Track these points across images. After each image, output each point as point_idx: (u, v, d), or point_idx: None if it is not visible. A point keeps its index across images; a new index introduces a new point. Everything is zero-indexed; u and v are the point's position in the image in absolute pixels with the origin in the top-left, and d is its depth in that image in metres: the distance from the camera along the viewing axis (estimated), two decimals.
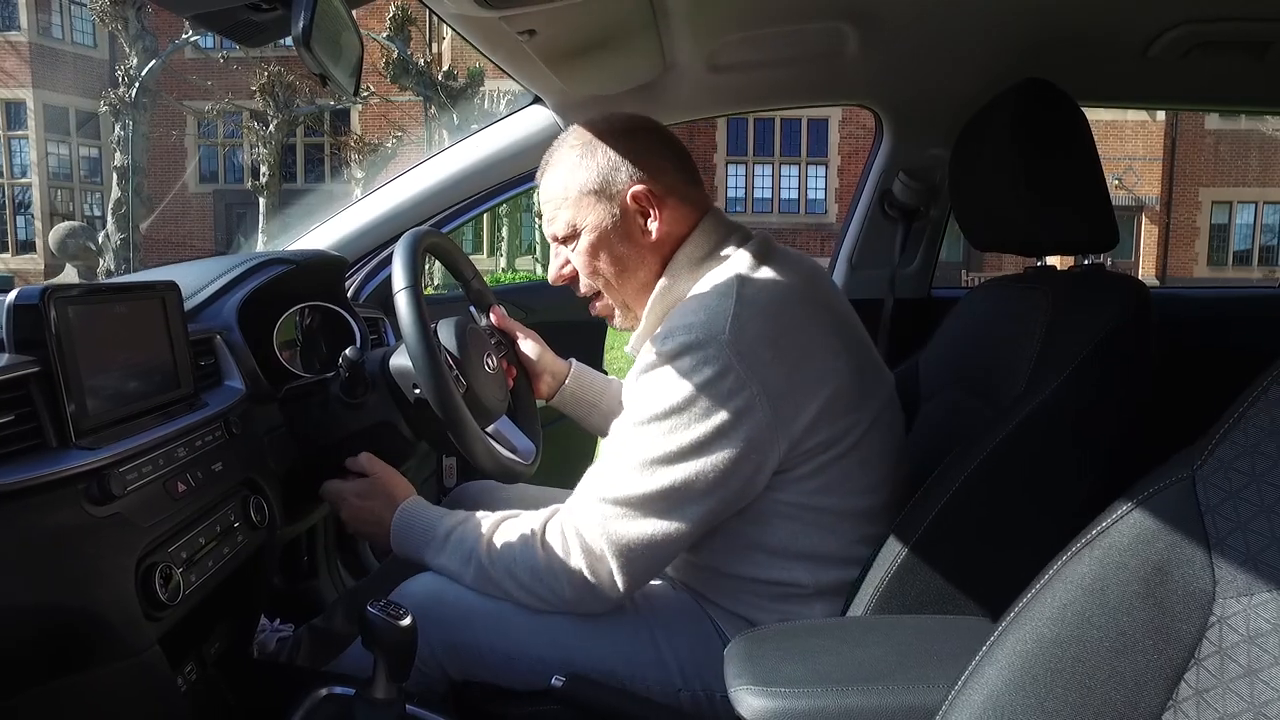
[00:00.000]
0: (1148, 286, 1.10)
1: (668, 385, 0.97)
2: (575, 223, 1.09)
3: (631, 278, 1.11)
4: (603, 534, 0.99)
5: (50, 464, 0.72)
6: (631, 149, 1.09)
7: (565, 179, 1.09)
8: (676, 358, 0.97)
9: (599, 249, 1.09)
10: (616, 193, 1.08)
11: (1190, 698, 0.57)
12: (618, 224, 1.08)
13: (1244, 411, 0.59)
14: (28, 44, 16.86)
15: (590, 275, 1.12)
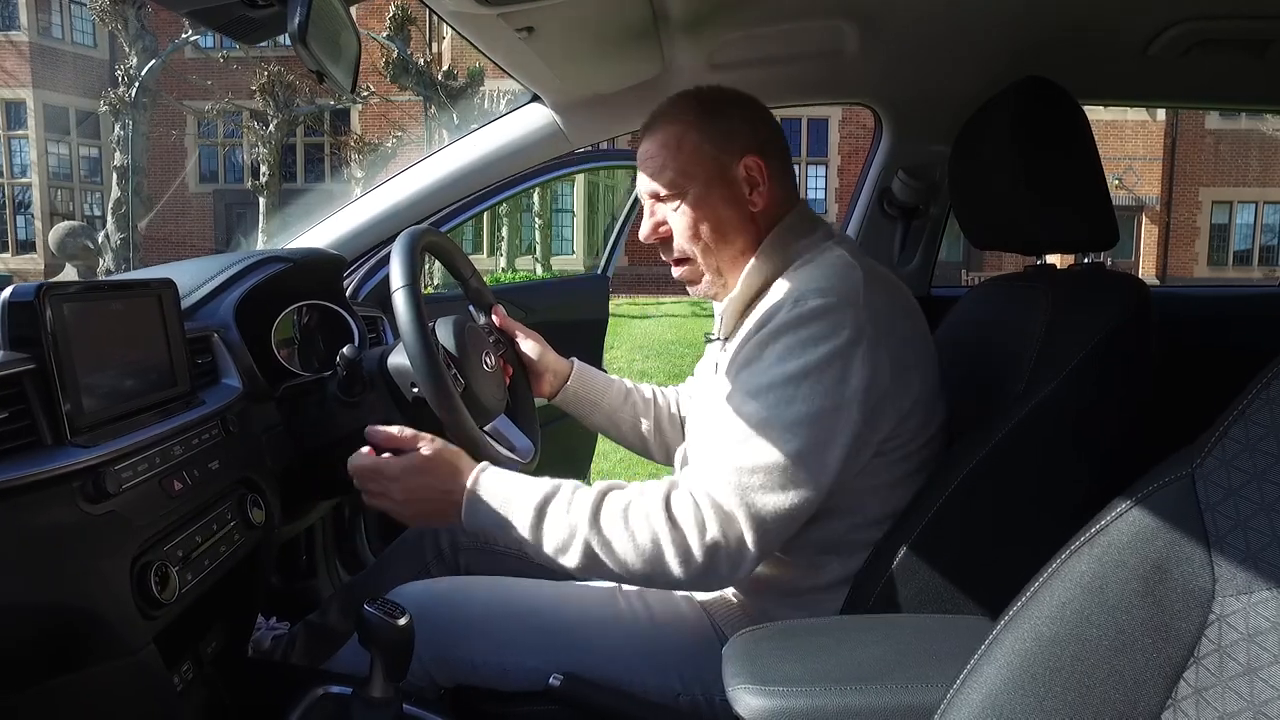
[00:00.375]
0: (1148, 285, 1.10)
1: (804, 347, 0.95)
2: (682, 180, 1.07)
3: (729, 245, 1.08)
4: (740, 501, 0.92)
5: (45, 462, 0.72)
6: (746, 119, 1.09)
7: (680, 134, 1.07)
8: (813, 320, 0.95)
9: (703, 210, 1.07)
10: (731, 158, 1.07)
11: (1190, 696, 0.57)
12: (725, 188, 1.07)
13: (1244, 409, 0.59)
14: (28, 43, 16.86)
15: (689, 238, 1.09)
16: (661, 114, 1.11)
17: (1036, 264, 1.26)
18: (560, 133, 1.61)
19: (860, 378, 0.95)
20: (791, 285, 1.01)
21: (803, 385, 0.94)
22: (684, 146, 1.07)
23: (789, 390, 0.94)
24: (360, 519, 1.83)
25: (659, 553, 0.92)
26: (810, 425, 0.93)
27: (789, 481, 0.93)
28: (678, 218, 1.09)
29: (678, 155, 1.07)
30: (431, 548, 1.38)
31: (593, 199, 15.38)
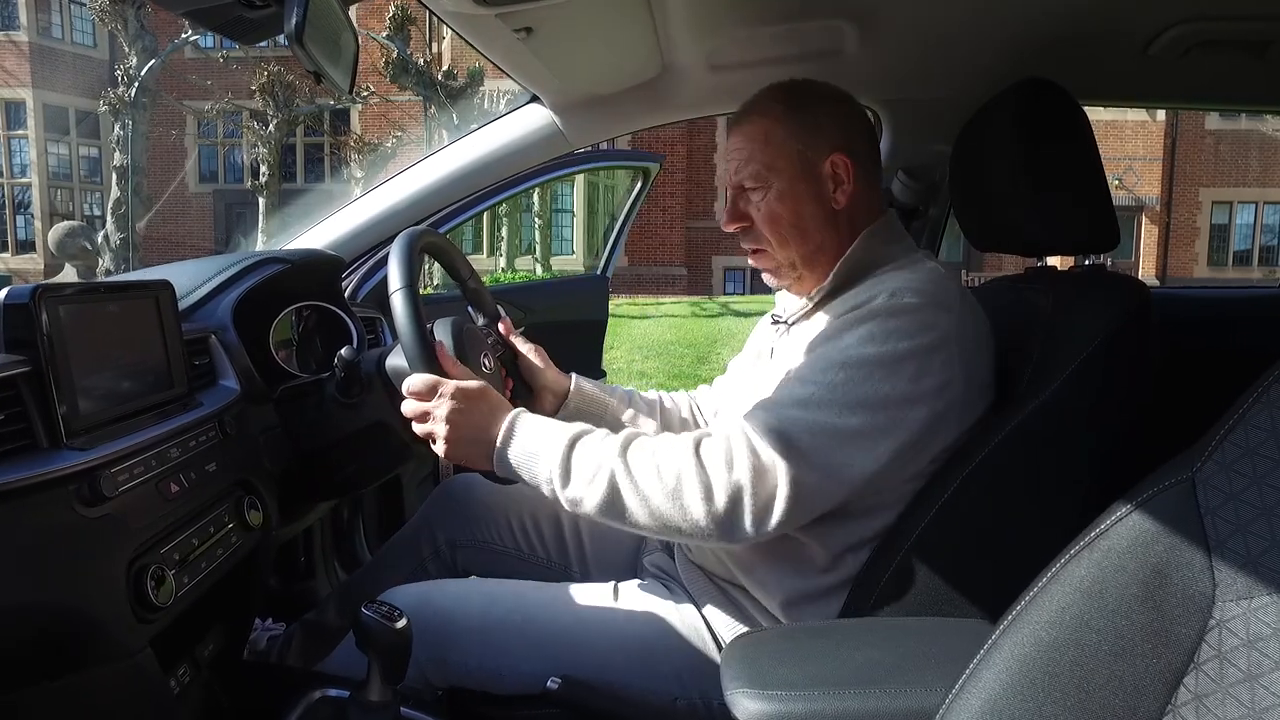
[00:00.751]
0: (1148, 287, 1.10)
1: (890, 336, 0.95)
2: (767, 173, 1.08)
3: (807, 240, 1.09)
4: (782, 458, 0.91)
5: (41, 464, 0.72)
6: (835, 116, 1.10)
7: (769, 126, 1.08)
8: (904, 314, 0.96)
9: (786, 204, 1.08)
10: (817, 155, 1.08)
11: (1189, 702, 0.57)
12: (810, 184, 1.08)
13: (1244, 413, 0.58)
14: (27, 43, 16.85)
15: (770, 229, 1.09)
16: (750, 107, 1.12)
17: (1037, 265, 1.26)
18: (559, 133, 1.61)
19: (936, 380, 0.95)
20: (887, 282, 1.01)
21: (877, 370, 0.94)
22: (771, 140, 1.08)
23: (863, 371, 0.94)
24: (359, 520, 1.83)
25: (679, 488, 0.91)
26: (874, 410, 0.93)
27: (835, 456, 0.92)
28: (762, 206, 1.09)
29: (764, 149, 1.08)
30: (428, 545, 1.37)
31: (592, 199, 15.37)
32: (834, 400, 0.93)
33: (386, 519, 1.88)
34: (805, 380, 0.96)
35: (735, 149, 1.11)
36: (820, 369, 0.96)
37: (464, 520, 1.37)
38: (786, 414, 0.94)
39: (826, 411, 0.93)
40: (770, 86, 1.13)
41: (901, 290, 0.98)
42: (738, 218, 1.12)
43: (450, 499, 1.41)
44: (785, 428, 0.92)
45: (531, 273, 13.65)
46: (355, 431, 1.18)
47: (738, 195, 1.12)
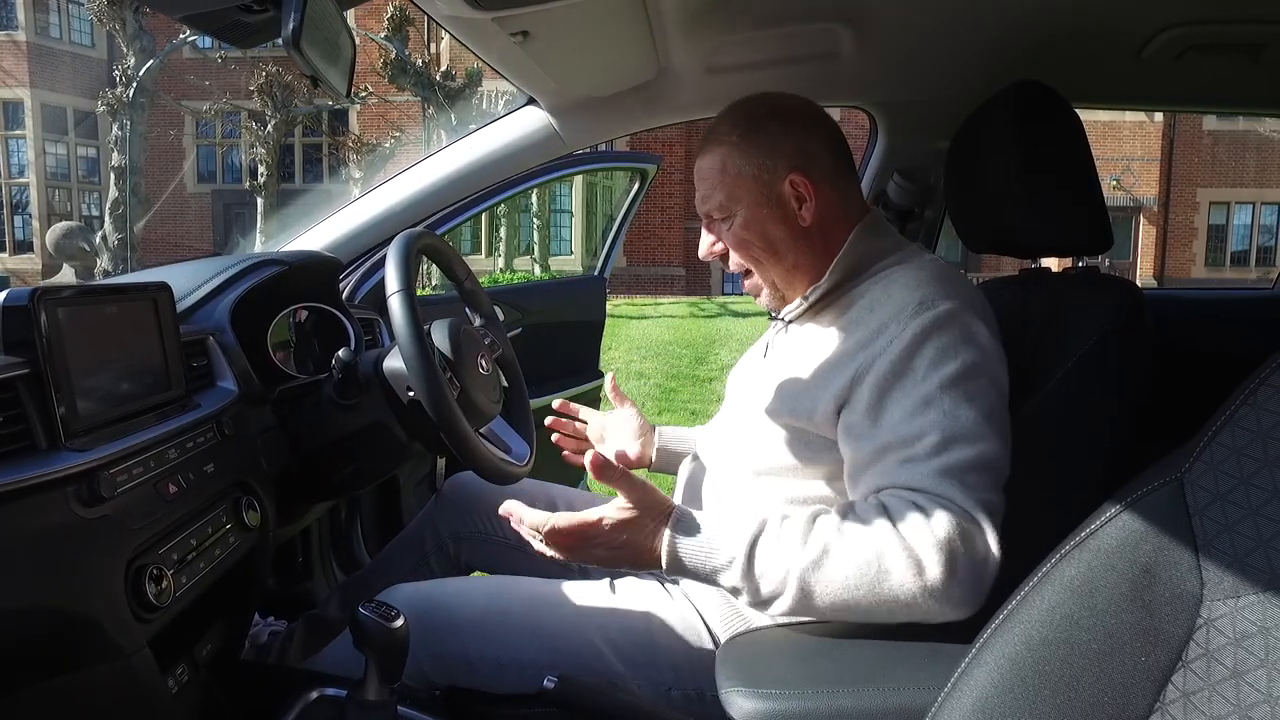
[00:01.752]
0: (1141, 289, 1.10)
1: (955, 349, 0.94)
2: (730, 203, 1.09)
3: (781, 260, 1.10)
4: (973, 500, 0.87)
5: (39, 466, 0.72)
6: (791, 134, 1.09)
7: (723, 159, 1.09)
8: (949, 324, 0.96)
9: (752, 230, 1.09)
10: (774, 177, 1.08)
11: (1177, 700, 0.57)
12: (773, 208, 1.08)
13: (1231, 414, 0.59)
14: (26, 43, 16.84)
15: (742, 254, 1.11)
16: (710, 135, 1.12)
17: (1032, 266, 1.26)
18: (556, 135, 1.62)
19: (1004, 377, 0.97)
20: (904, 287, 1.01)
21: (971, 384, 0.93)
22: (727, 170, 1.09)
23: (962, 390, 0.92)
24: (356, 521, 1.84)
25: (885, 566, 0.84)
26: (994, 420, 0.93)
27: (998, 478, 0.90)
28: (730, 237, 1.10)
29: (722, 179, 1.09)
30: (432, 539, 1.39)
31: (590, 200, 15.38)
32: (962, 429, 0.91)
33: (384, 520, 1.89)
34: (921, 424, 0.92)
35: (700, 180, 1.13)
36: (923, 407, 0.92)
37: (465, 513, 1.39)
38: (941, 461, 0.89)
39: (967, 444, 0.90)
40: (728, 110, 1.13)
41: (928, 298, 0.97)
42: (712, 246, 1.14)
43: (453, 494, 1.43)
44: (959, 477, 0.88)
45: (530, 273, 13.65)
46: (353, 433, 1.19)
47: (709, 225, 1.14)
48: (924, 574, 0.83)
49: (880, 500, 0.90)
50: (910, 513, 0.86)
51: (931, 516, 0.85)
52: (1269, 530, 0.55)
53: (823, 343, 1.05)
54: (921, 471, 0.89)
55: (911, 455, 0.91)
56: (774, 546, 0.88)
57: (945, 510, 0.86)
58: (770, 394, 1.07)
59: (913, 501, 0.87)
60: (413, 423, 1.18)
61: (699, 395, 6.13)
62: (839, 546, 0.87)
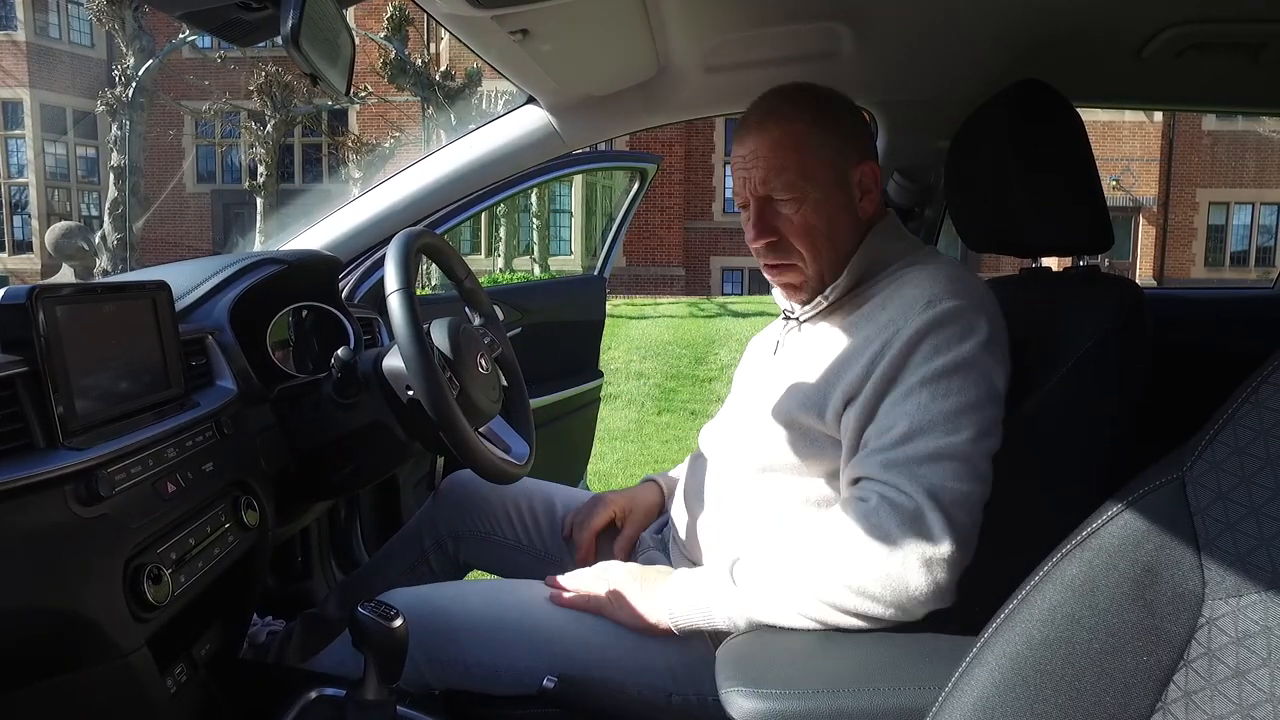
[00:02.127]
0: (1142, 288, 1.10)
1: (949, 344, 0.95)
2: (803, 183, 1.04)
3: (836, 251, 1.07)
4: (925, 494, 0.88)
5: (37, 464, 0.72)
6: (859, 123, 1.09)
7: (802, 132, 1.04)
8: (951, 321, 0.96)
9: (823, 215, 1.05)
10: (848, 163, 1.06)
11: (1179, 699, 0.57)
12: (844, 193, 1.06)
13: (1233, 413, 0.59)
14: (25, 43, 16.83)
15: (805, 240, 1.05)
16: (775, 111, 1.06)
17: (1032, 266, 1.26)
18: (556, 134, 1.62)
19: (999, 377, 0.97)
20: (915, 286, 1.01)
21: (954, 379, 0.93)
22: (805, 147, 1.04)
23: (942, 385, 0.93)
24: (356, 520, 1.83)
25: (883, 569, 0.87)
26: (969, 414, 0.92)
27: (966, 470, 0.90)
28: (796, 219, 1.05)
29: (799, 156, 1.04)
30: (430, 537, 1.39)
31: (590, 200, 15.37)
32: (933, 421, 0.92)
33: (383, 519, 1.89)
34: (897, 415, 0.94)
35: (762, 157, 1.05)
36: (903, 398, 0.94)
37: (463, 512, 1.39)
38: (902, 453, 0.91)
39: (933, 435, 0.91)
40: (785, 90, 1.09)
41: (937, 296, 0.97)
42: (767, 231, 1.06)
43: (452, 492, 1.42)
44: (913, 469, 0.90)
45: (529, 273, 13.64)
46: (352, 432, 1.18)
47: (764, 207, 1.06)
48: (872, 565, 0.87)
49: (850, 494, 0.94)
50: (859, 505, 0.90)
51: (874, 507, 0.89)
52: (1271, 529, 0.55)
53: (835, 341, 1.04)
54: (878, 461, 0.92)
55: (878, 446, 0.93)
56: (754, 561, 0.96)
57: (888, 502, 0.89)
58: (780, 391, 1.07)
59: (873, 490, 0.91)
60: (412, 422, 1.17)
61: (698, 395, 6.13)
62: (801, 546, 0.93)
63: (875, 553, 0.87)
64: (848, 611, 0.89)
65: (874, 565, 0.87)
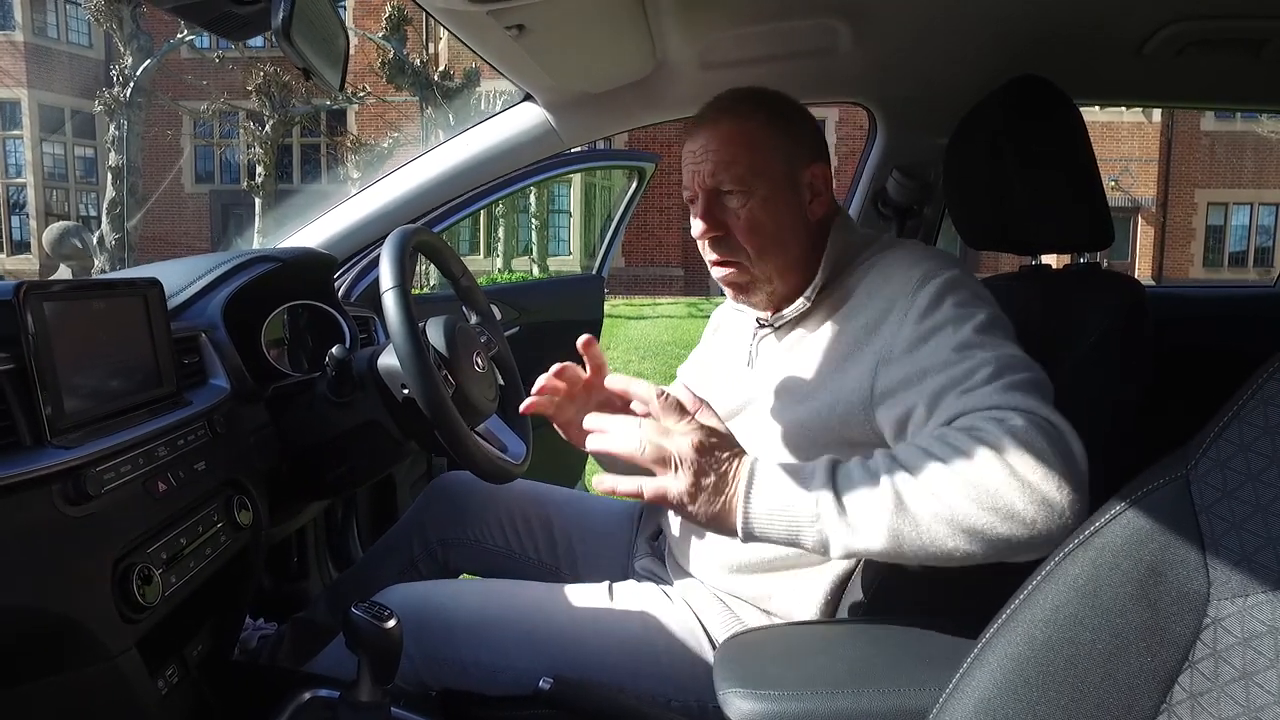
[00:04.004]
0: (1143, 286, 1.09)
1: (970, 305, 0.92)
2: (751, 178, 1.03)
3: (784, 252, 1.05)
4: (1041, 404, 0.80)
5: (23, 463, 0.71)
6: (809, 126, 1.09)
7: (751, 133, 1.04)
8: (957, 286, 0.94)
9: (769, 212, 1.04)
10: (798, 164, 1.06)
11: (1184, 701, 0.56)
12: (791, 194, 1.05)
13: (1238, 410, 0.58)
14: (22, 43, 16.81)
15: (749, 239, 1.04)
16: (728, 109, 1.06)
17: (1032, 264, 1.25)
18: (553, 131, 1.61)
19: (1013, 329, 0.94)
20: (900, 267, 0.99)
21: (999, 330, 0.91)
22: (757, 144, 1.04)
23: (996, 332, 0.89)
24: (352, 520, 1.82)
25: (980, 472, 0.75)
26: (1027, 360, 0.87)
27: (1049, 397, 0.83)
28: (742, 215, 1.04)
29: (750, 152, 1.03)
30: (419, 543, 1.37)
31: (589, 199, 15.37)
32: (1013, 358, 0.86)
33: (380, 519, 1.88)
34: (975, 366, 0.85)
35: (713, 150, 1.05)
36: (959, 354, 0.87)
37: (455, 519, 1.37)
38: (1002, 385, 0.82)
39: (1021, 370, 0.84)
40: (740, 91, 1.09)
41: (929, 273, 0.96)
42: (714, 225, 1.05)
43: (441, 497, 1.40)
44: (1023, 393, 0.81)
45: (528, 273, 13.64)
46: (347, 431, 1.17)
47: (712, 200, 1.06)
48: (1021, 480, 0.74)
49: (954, 428, 0.80)
50: (989, 426, 0.78)
51: (1011, 423, 0.77)
52: (1278, 527, 0.54)
53: (824, 341, 1.02)
54: (985, 393, 0.82)
55: (969, 386, 0.84)
56: (853, 465, 0.80)
57: (1024, 415, 0.78)
58: (771, 401, 1.05)
59: (991, 417, 0.79)
60: (407, 421, 1.17)
61: None
62: (923, 456, 0.78)
63: (1028, 471, 0.74)
64: (989, 539, 0.75)
65: (1028, 485, 0.74)
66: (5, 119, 17.14)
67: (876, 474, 0.78)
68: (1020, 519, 0.74)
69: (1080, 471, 0.76)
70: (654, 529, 1.29)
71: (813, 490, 0.78)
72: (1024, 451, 0.75)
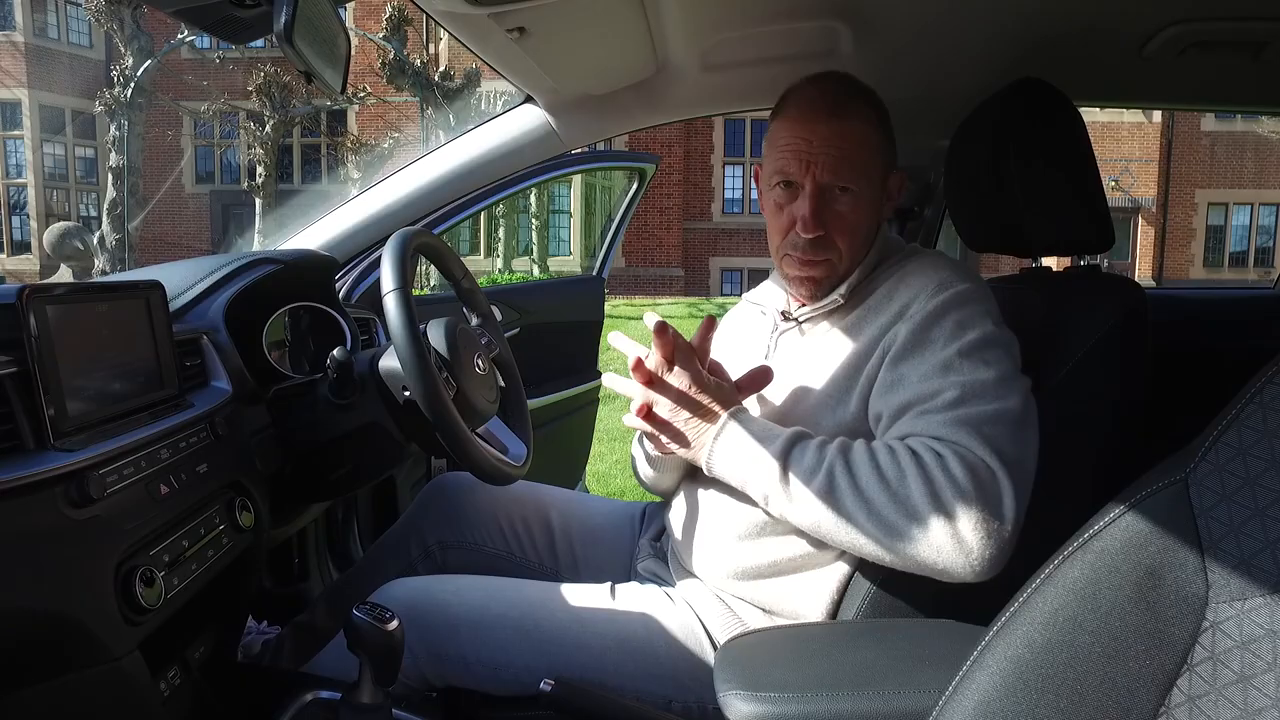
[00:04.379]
0: (1143, 288, 1.10)
1: (972, 321, 0.97)
2: (858, 178, 1.05)
3: (862, 252, 1.10)
4: (990, 450, 0.88)
5: (26, 466, 0.71)
6: (893, 134, 1.12)
7: (865, 135, 1.06)
8: (966, 301, 0.99)
9: (863, 212, 1.07)
10: (888, 169, 1.10)
11: (1183, 704, 0.56)
12: (878, 196, 1.10)
13: (1237, 414, 0.58)
14: (23, 44, 16.82)
15: (847, 237, 1.07)
16: (849, 104, 1.07)
17: (1032, 266, 1.26)
18: (553, 133, 1.61)
19: (1018, 354, 0.99)
20: (920, 274, 1.03)
21: (990, 352, 0.95)
22: (867, 145, 1.07)
23: (980, 356, 0.95)
24: (353, 522, 1.83)
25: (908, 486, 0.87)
26: (1013, 382, 0.94)
27: (1022, 433, 0.91)
28: (846, 211, 1.06)
29: (861, 152, 1.06)
30: (418, 546, 1.37)
31: (589, 200, 15.37)
32: (983, 387, 0.92)
33: (380, 521, 1.88)
34: (941, 384, 0.94)
35: (832, 145, 1.04)
36: (940, 372, 0.94)
37: (454, 521, 1.36)
38: (960, 415, 0.91)
39: (985, 400, 0.91)
40: (853, 84, 1.10)
41: (945, 282, 1.00)
42: (821, 224, 1.05)
43: (440, 499, 1.40)
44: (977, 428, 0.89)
45: (529, 274, 13.64)
46: (348, 433, 1.18)
47: (823, 195, 1.05)
48: (941, 513, 0.85)
49: (903, 444, 0.92)
50: (927, 455, 0.88)
51: (947, 461, 0.87)
52: (1276, 531, 0.54)
53: (843, 338, 1.06)
54: (937, 421, 0.91)
55: (928, 409, 0.93)
56: (810, 444, 0.95)
57: (959, 457, 0.87)
58: (786, 394, 1.08)
59: (930, 447, 0.89)
60: (408, 423, 1.17)
61: None
62: (867, 460, 0.91)
63: (948, 507, 0.85)
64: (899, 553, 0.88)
65: (946, 519, 0.86)
66: (6, 119, 17.15)
67: (823, 461, 0.93)
68: (931, 544, 0.86)
69: (1004, 519, 0.85)
70: (657, 530, 1.29)
71: (769, 452, 0.95)
72: (949, 489, 0.85)
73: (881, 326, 1.02)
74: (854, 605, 1.00)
